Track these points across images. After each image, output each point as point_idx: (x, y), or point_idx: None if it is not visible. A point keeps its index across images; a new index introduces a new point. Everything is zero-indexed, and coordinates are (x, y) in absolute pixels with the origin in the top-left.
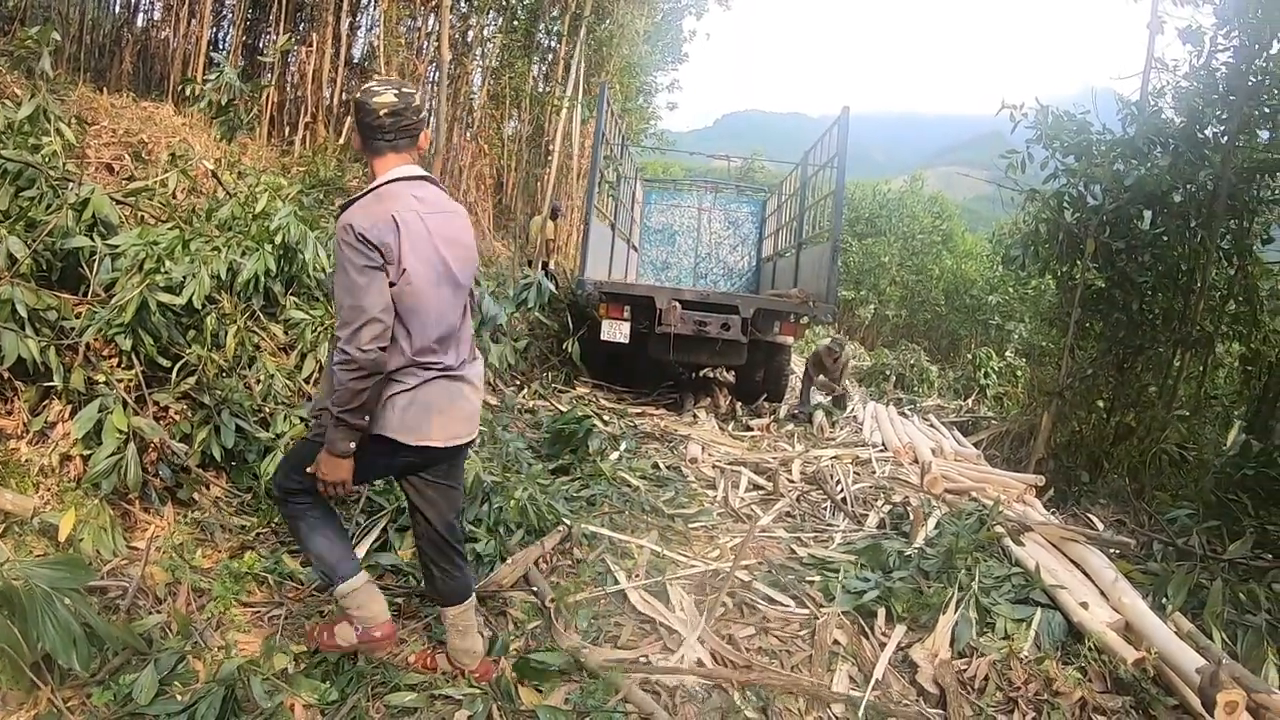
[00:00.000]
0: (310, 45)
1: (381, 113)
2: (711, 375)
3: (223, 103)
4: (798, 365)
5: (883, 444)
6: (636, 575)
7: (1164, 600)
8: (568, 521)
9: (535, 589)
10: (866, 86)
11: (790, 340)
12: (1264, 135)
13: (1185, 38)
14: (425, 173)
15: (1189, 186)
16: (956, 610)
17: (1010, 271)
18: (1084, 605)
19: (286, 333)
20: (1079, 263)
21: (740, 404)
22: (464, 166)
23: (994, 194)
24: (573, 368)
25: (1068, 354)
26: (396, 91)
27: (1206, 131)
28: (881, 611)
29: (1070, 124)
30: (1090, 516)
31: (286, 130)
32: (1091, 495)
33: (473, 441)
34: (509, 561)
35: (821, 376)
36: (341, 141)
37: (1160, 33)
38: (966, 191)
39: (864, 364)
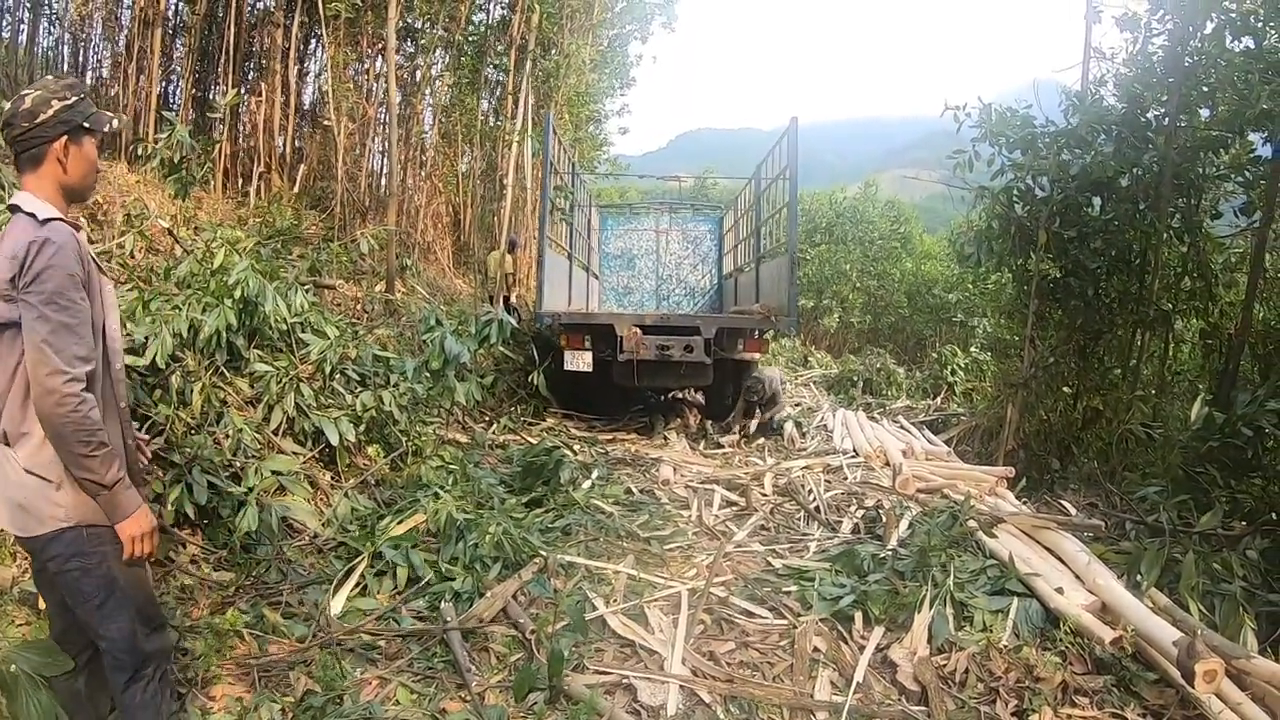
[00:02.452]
0: (259, 95)
1: None
2: (681, 396)
3: (175, 160)
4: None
5: (854, 450)
6: (614, 600)
7: (1138, 578)
8: (543, 553)
9: (515, 622)
10: (815, 95)
11: (757, 356)
12: (1204, 113)
13: (1123, 25)
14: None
15: (1135, 170)
16: (932, 607)
17: (969, 269)
18: (1059, 591)
19: (252, 386)
20: (1033, 254)
21: (711, 423)
22: (420, 206)
23: (949, 192)
24: (541, 400)
25: (1028, 344)
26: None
27: (1148, 115)
28: (859, 615)
29: (1014, 119)
30: (1063, 503)
31: (240, 181)
32: (1063, 482)
33: (35, 541)
34: (487, 596)
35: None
36: (296, 190)
37: (1098, 22)
38: (922, 191)
39: (831, 372)
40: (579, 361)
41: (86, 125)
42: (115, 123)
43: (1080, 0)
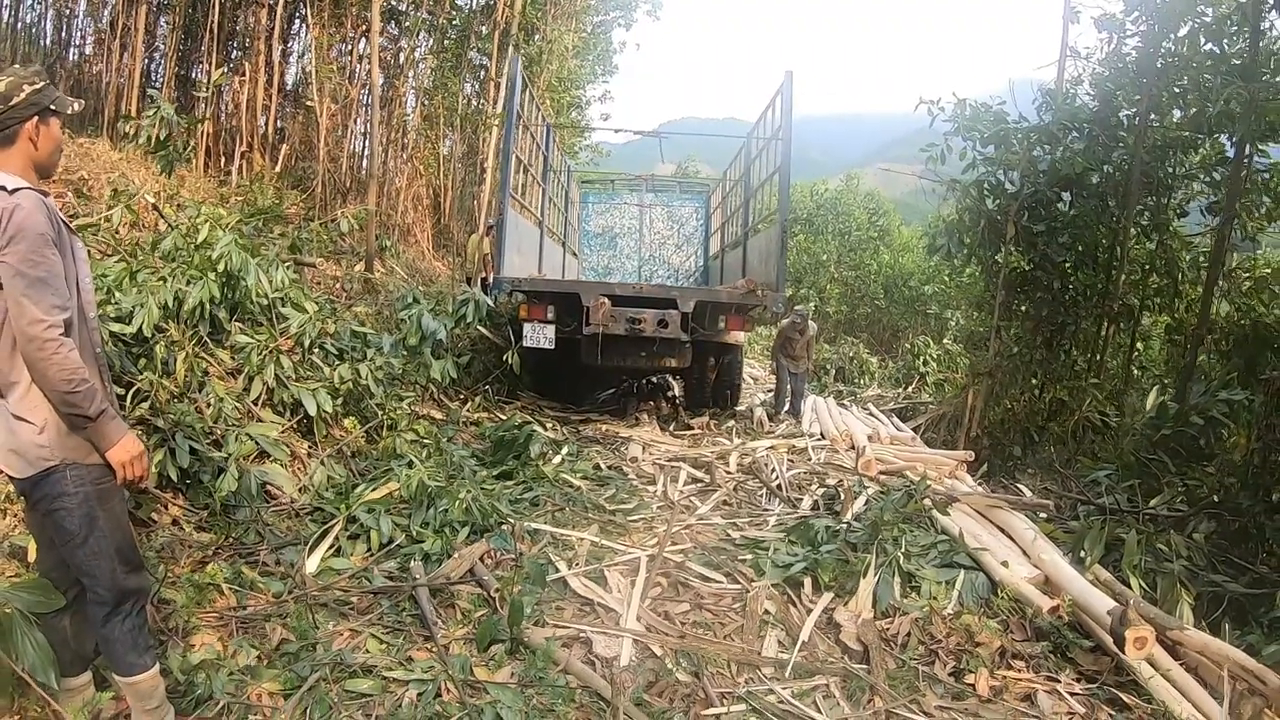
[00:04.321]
0: (243, 74)
1: None
2: (657, 382)
3: (160, 137)
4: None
5: (820, 434)
6: (576, 564)
7: (1082, 554)
8: (511, 519)
9: (480, 580)
10: (800, 90)
11: (741, 338)
12: (1176, 114)
13: (1101, 25)
14: None
15: (1105, 167)
16: (877, 574)
17: (943, 261)
18: (1005, 564)
19: (233, 357)
20: (1001, 247)
21: (684, 408)
22: (400, 188)
23: (926, 187)
24: (516, 380)
25: (995, 335)
26: None
27: (1120, 114)
28: (808, 581)
29: (987, 115)
30: (1019, 486)
31: (223, 160)
32: (1023, 468)
33: (31, 480)
34: (455, 556)
35: (784, 359)
36: (278, 170)
37: (1075, 22)
38: (903, 187)
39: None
40: (540, 336)
41: (53, 107)
42: (76, 105)
43: (1059, 1)
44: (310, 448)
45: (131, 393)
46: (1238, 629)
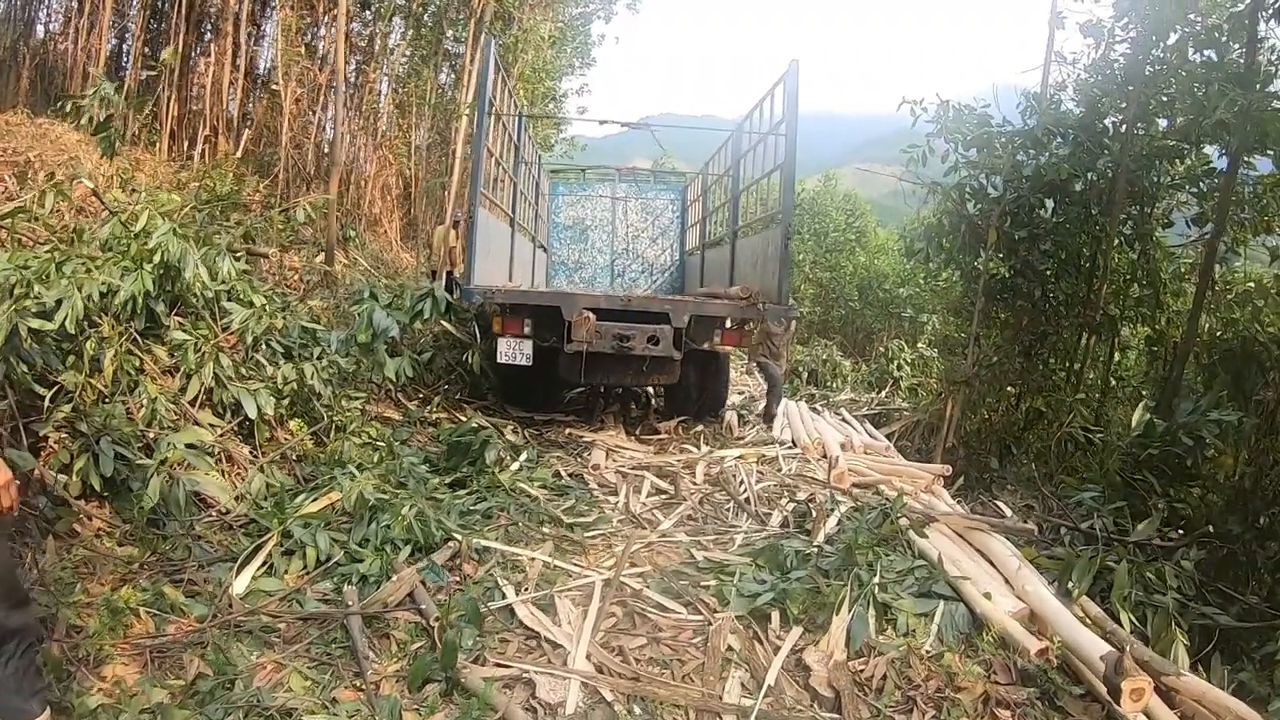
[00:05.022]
0: (209, 56)
1: None
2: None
3: (101, 118)
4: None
5: (792, 441)
6: (526, 589)
7: (1070, 585)
8: (458, 536)
9: (420, 608)
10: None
11: (731, 349)
12: (1163, 123)
13: (1086, 31)
14: None
15: (1089, 175)
16: (852, 609)
17: (920, 264)
18: (988, 596)
19: (171, 354)
20: (982, 253)
21: (655, 412)
22: (368, 177)
23: (904, 189)
24: (481, 378)
25: (973, 342)
26: None
27: (1106, 121)
28: (776, 614)
29: (971, 117)
30: (998, 503)
31: (186, 145)
32: (1001, 482)
33: None
34: (394, 580)
35: (764, 358)
36: (239, 154)
37: (1061, 28)
38: (880, 188)
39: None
40: (517, 352)
41: None
42: None
43: (1045, 5)
44: (252, 452)
45: (55, 393)
46: (1228, 663)
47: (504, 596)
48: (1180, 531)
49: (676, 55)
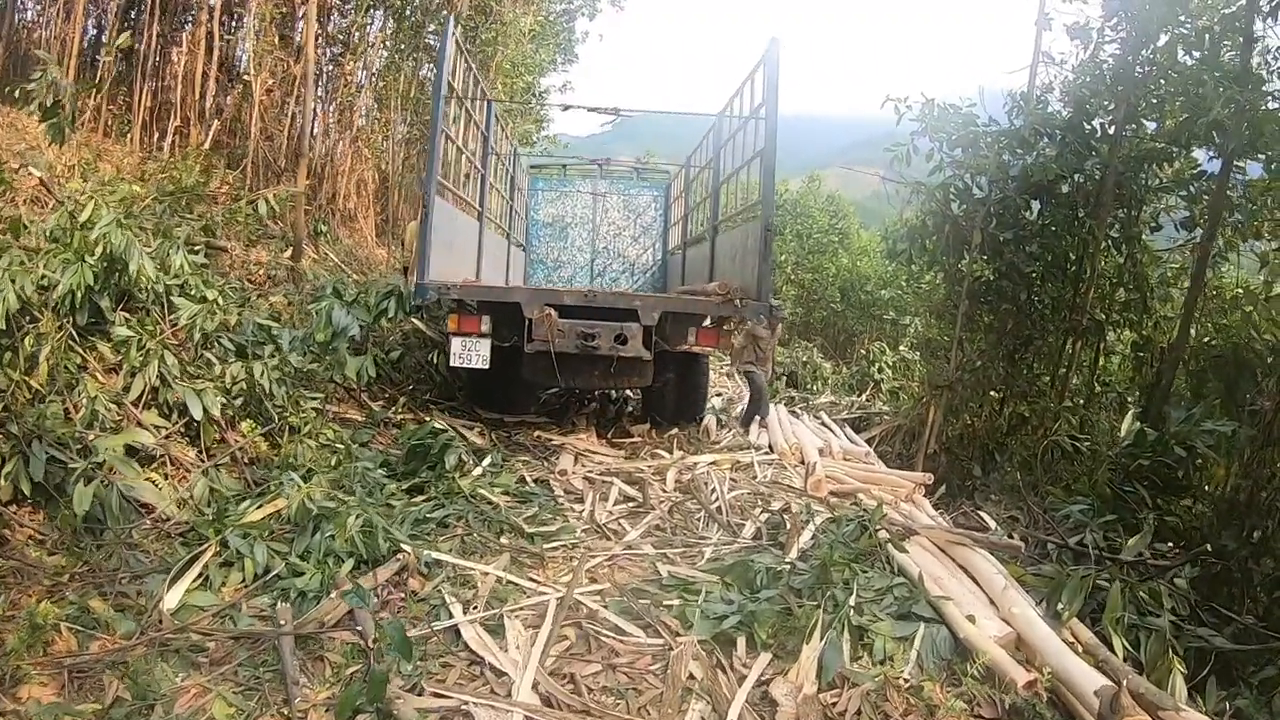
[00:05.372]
0: (181, 46)
1: None
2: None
3: (47, 104)
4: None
5: (769, 445)
6: (475, 607)
7: (1059, 607)
8: (407, 548)
9: (359, 628)
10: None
11: (709, 350)
12: (1151, 125)
13: (1073, 34)
14: None
15: (1076, 176)
16: (824, 636)
17: (904, 266)
18: (971, 619)
19: (116, 352)
20: (966, 254)
21: (628, 415)
22: (343, 171)
23: (888, 190)
24: (450, 379)
25: (956, 346)
26: None
27: (1094, 122)
28: (743, 640)
29: (956, 117)
30: (981, 514)
31: (157, 136)
32: (984, 490)
33: None
34: (333, 596)
35: (750, 363)
36: (207, 146)
37: (1048, 29)
38: (864, 189)
39: None
40: (472, 354)
41: None
42: None
43: (1033, 6)
44: (200, 455)
45: None
46: (1224, 688)
47: (450, 616)
48: (1171, 545)
49: (662, 55)
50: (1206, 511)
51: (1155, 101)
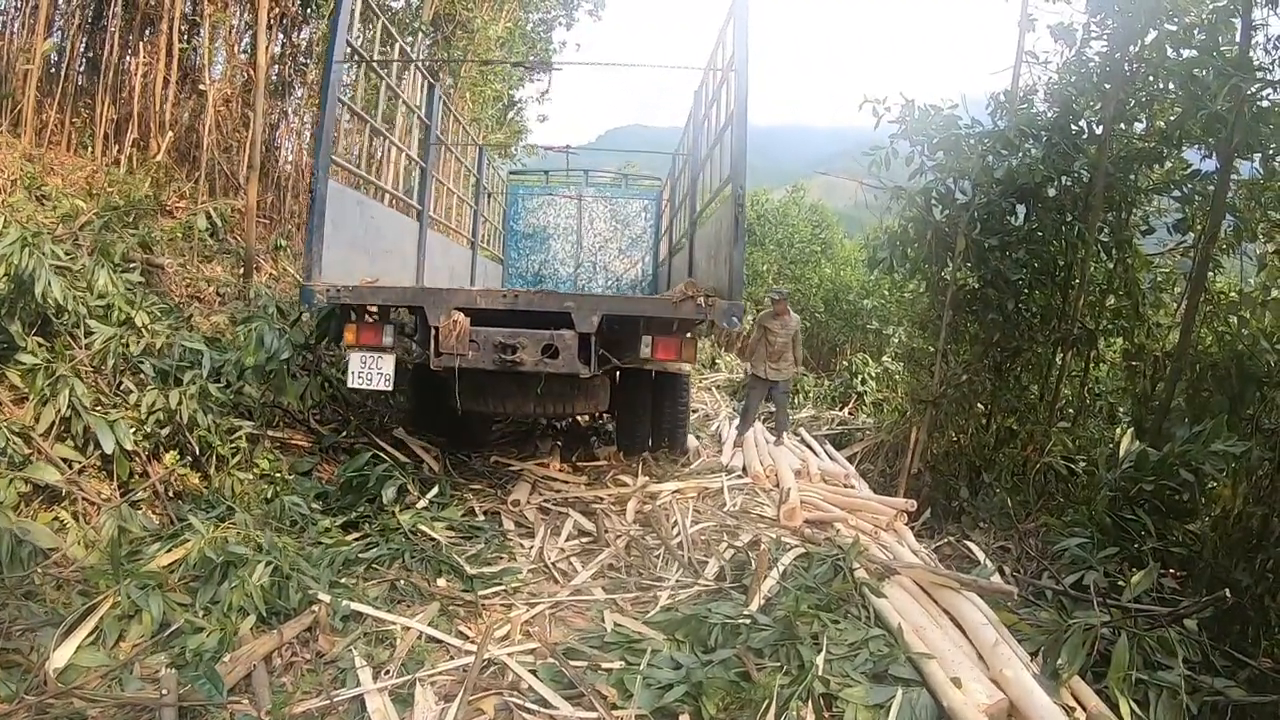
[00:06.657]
0: (139, 56)
1: None
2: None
3: None
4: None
5: (743, 468)
6: (388, 671)
7: (1058, 663)
8: (324, 598)
9: (255, 694)
10: (752, 97)
11: (682, 365)
12: (1140, 125)
13: (1057, 34)
14: None
15: (1064, 179)
16: (783, 709)
17: (885, 275)
18: (956, 682)
19: (24, 380)
20: (950, 262)
21: (595, 438)
22: (308, 184)
23: (871, 199)
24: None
25: (940, 359)
26: None
27: (1080, 122)
28: (687, 716)
29: (937, 118)
30: (968, 543)
31: (116, 149)
32: (971, 514)
33: None
34: (228, 659)
35: (762, 363)
36: (159, 158)
37: (1031, 30)
38: (848, 198)
39: (738, 377)
40: (373, 373)
41: None
42: None
43: (1014, 7)
44: (120, 489)
45: None
46: None
47: (358, 682)
48: (1173, 572)
49: (646, 68)
50: (1215, 538)
51: (1145, 99)
